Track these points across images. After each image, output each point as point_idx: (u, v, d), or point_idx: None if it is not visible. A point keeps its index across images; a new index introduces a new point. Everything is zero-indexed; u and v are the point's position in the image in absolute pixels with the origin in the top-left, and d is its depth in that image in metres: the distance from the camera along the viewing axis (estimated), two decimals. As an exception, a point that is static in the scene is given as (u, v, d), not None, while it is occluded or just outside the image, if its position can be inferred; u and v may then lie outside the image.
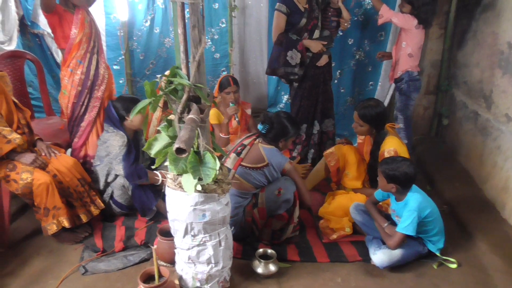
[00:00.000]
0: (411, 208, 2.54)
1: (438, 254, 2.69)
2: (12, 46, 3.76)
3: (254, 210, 2.78)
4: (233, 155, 2.83)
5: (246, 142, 2.88)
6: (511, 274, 2.49)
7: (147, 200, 2.94)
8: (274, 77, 4.31)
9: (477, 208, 3.15)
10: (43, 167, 2.74)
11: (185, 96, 1.94)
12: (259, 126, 2.86)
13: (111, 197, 3.01)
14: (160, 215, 3.02)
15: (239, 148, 2.85)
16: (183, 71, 2.00)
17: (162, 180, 3.03)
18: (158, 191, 3.05)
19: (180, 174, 2.02)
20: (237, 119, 3.59)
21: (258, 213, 2.78)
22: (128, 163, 2.93)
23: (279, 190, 2.72)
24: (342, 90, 4.51)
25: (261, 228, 2.83)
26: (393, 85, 4.11)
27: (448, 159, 3.95)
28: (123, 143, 2.96)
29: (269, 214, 2.78)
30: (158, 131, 2.10)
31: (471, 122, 3.70)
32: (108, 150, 2.97)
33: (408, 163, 2.57)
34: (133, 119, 2.99)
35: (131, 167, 2.94)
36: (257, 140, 2.86)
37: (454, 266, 2.64)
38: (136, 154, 3.05)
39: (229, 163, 2.79)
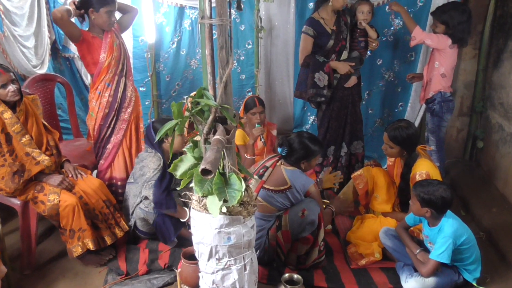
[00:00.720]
0: (446, 235, 2.47)
1: (474, 283, 2.59)
2: (44, 69, 3.94)
3: (278, 233, 2.76)
4: (256, 177, 2.84)
5: (268, 164, 2.88)
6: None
7: (166, 232, 2.95)
8: (300, 98, 4.33)
9: (516, 236, 3.03)
10: (70, 188, 2.81)
11: (211, 117, 1.96)
12: (279, 149, 2.86)
13: (135, 225, 3.05)
14: (185, 239, 3.03)
15: (261, 170, 2.85)
16: (210, 92, 2.04)
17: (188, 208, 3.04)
18: (180, 224, 3.03)
19: (205, 196, 2.03)
20: (262, 140, 3.61)
21: (282, 236, 2.76)
22: (159, 190, 2.91)
23: (303, 212, 2.71)
24: (370, 111, 4.48)
25: (286, 252, 2.81)
26: (424, 106, 4.06)
27: (483, 183, 3.83)
28: (158, 166, 2.95)
29: (293, 237, 2.75)
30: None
31: (508, 145, 3.59)
32: (143, 170, 3.00)
33: (445, 187, 2.51)
34: (171, 141, 2.99)
35: (162, 194, 2.92)
36: (280, 161, 2.86)
37: (492, 297, 2.54)
38: (170, 180, 3.02)
39: (251, 185, 2.80)
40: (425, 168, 2.85)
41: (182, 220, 3.03)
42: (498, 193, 3.64)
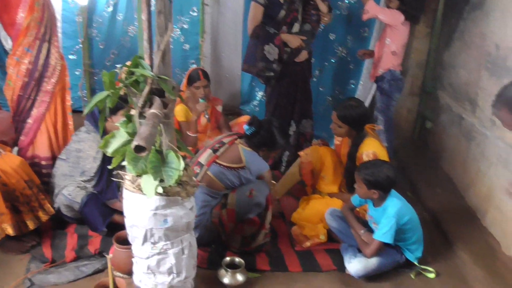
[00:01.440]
0: (389, 215, 2.60)
1: (416, 263, 2.76)
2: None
3: (222, 211, 2.79)
4: (209, 151, 2.84)
5: (226, 140, 2.90)
6: (492, 285, 2.58)
7: (93, 221, 2.87)
8: (248, 72, 4.33)
9: (458, 216, 3.25)
10: (-15, 166, 2.65)
11: (147, 89, 1.92)
12: (245, 127, 2.88)
13: (59, 210, 2.93)
14: (117, 225, 2.96)
15: (217, 145, 2.86)
16: (147, 62, 1.98)
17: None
18: (110, 211, 2.95)
19: (139, 175, 2.00)
20: (207, 116, 3.59)
21: (226, 215, 2.78)
22: (101, 178, 2.86)
23: (251, 191, 2.75)
24: (321, 89, 4.57)
25: (228, 233, 2.84)
26: (375, 84, 4.20)
27: (431, 164, 4.06)
28: (97, 154, 2.86)
29: (238, 217, 2.79)
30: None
31: (455, 126, 3.81)
32: (79, 154, 2.89)
33: (388, 166, 2.63)
34: (115, 120, 2.85)
35: (101, 185, 2.87)
36: (238, 140, 2.87)
37: (432, 276, 2.72)
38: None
39: (203, 158, 2.80)
40: (372, 148, 2.96)
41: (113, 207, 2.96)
42: (444, 174, 3.87)
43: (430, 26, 4.25)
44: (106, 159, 2.88)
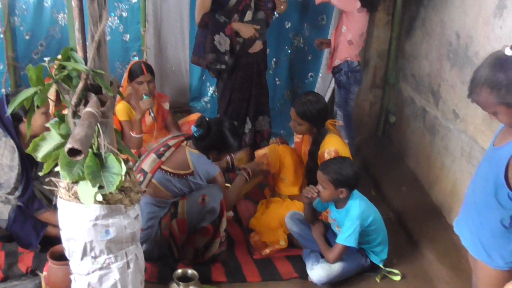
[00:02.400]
0: (352, 217, 2.68)
1: (381, 266, 2.86)
2: None
3: (172, 222, 2.77)
4: (153, 156, 2.80)
5: (171, 142, 2.86)
6: (457, 284, 2.72)
7: (25, 238, 2.79)
8: (198, 65, 4.32)
9: (424, 214, 3.39)
10: None
11: (81, 85, 1.87)
12: (193, 128, 2.85)
13: None
14: (53, 238, 2.88)
15: (161, 149, 2.82)
16: (79, 54, 1.94)
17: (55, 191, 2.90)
18: (43, 224, 2.87)
19: (75, 182, 1.96)
20: (152, 114, 3.56)
21: (177, 226, 2.77)
22: (27, 187, 2.76)
23: (203, 198, 2.74)
24: (278, 82, 4.62)
25: (181, 245, 2.83)
26: (335, 76, 4.30)
27: (395, 161, 4.21)
28: (11, 162, 2.72)
29: (190, 227, 2.78)
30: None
31: (419, 119, 3.97)
32: None
33: (350, 161, 2.72)
34: (33, 118, 2.73)
35: (23, 197, 2.76)
36: (185, 142, 2.85)
37: (397, 278, 2.83)
38: (31, 171, 2.84)
39: (146, 164, 2.76)
40: (333, 145, 3.04)
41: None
42: (409, 171, 4.02)
43: (390, 14, 4.39)
44: (27, 165, 2.78)
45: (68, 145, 1.65)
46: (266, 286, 2.74)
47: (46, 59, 1.87)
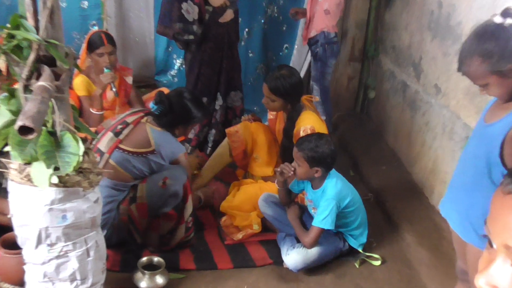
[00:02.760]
0: (328, 197, 2.70)
1: (360, 250, 2.90)
2: None
3: (131, 207, 2.74)
4: (110, 134, 2.75)
5: (129, 119, 2.81)
6: (437, 267, 2.79)
7: None
8: (164, 36, 4.24)
9: (404, 194, 3.45)
10: None
11: (32, 56, 1.81)
12: (152, 106, 2.81)
13: None
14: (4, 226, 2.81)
15: (119, 127, 2.77)
16: (30, 22, 1.88)
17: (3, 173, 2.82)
18: None
19: (28, 163, 1.91)
20: (114, 89, 3.50)
21: (136, 210, 2.73)
22: None
23: (164, 180, 2.71)
24: (251, 55, 4.59)
25: (142, 230, 2.80)
26: (311, 49, 4.28)
27: (374, 138, 4.26)
28: None
29: (151, 211, 2.75)
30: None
31: (399, 94, 4.01)
32: None
33: (327, 138, 2.72)
34: None
35: None
36: (145, 118, 2.80)
37: (377, 263, 2.88)
38: None
39: (103, 144, 2.71)
40: (310, 122, 3.04)
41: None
42: (388, 149, 4.08)
43: (370, -19, 4.38)
44: None
45: (19, 123, 1.60)
46: (239, 273, 2.75)
47: (-8, 27, 1.80)
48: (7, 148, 1.88)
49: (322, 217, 2.67)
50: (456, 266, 2.19)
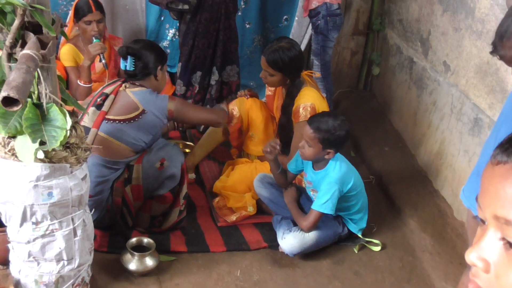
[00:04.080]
0: (331, 180, 2.71)
1: (360, 235, 2.94)
2: None
3: (126, 188, 2.75)
4: (91, 109, 2.74)
5: (107, 90, 2.81)
6: (441, 255, 2.83)
7: None
8: (155, 3, 4.21)
9: (408, 178, 3.48)
10: None
11: (16, 22, 1.81)
12: (122, 64, 2.79)
13: None
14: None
15: (99, 99, 2.77)
16: (14, -14, 1.87)
17: None
18: None
19: (12, 137, 1.92)
20: (103, 60, 3.48)
21: (131, 192, 2.75)
22: None
23: (162, 162, 2.73)
24: (247, 26, 4.56)
25: (135, 213, 2.82)
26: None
27: (377, 118, 4.27)
28: None
29: (146, 193, 2.77)
30: None
31: (405, 71, 4.01)
32: None
33: (345, 120, 2.72)
34: None
35: None
36: (124, 85, 2.80)
37: (377, 248, 2.92)
38: None
39: (86, 120, 2.71)
40: (310, 100, 3.04)
41: None
42: (392, 129, 4.09)
43: (377, -51, 4.35)
44: None
45: (3, 93, 1.61)
46: (232, 257, 2.78)
47: (-27, -10, 1.79)
48: (-10, 121, 1.89)
49: (323, 201, 2.69)
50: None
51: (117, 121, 2.69)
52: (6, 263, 2.33)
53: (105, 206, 2.77)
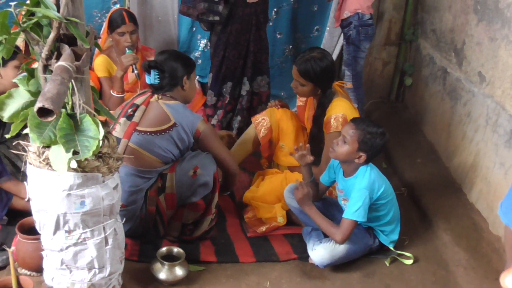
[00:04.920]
0: (361, 187, 2.68)
1: (391, 248, 2.89)
2: None
3: (160, 197, 2.77)
4: (122, 119, 2.77)
5: (138, 101, 2.83)
6: (475, 270, 2.76)
7: None
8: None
9: (441, 190, 3.41)
10: None
11: (52, 35, 1.85)
12: (147, 78, 2.81)
13: None
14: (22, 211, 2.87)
15: (129, 110, 2.79)
16: (51, -1, 1.91)
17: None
18: (6, 195, 2.86)
19: (47, 146, 1.95)
20: (136, 71, 3.53)
21: (165, 201, 2.77)
22: None
23: (195, 170, 2.74)
24: (278, 36, 4.57)
25: (167, 222, 2.84)
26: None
27: (410, 129, 4.21)
28: None
29: (179, 201, 2.79)
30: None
31: (438, 82, 3.95)
32: None
33: (385, 132, 2.71)
34: (4, 73, 2.67)
35: None
36: (156, 97, 2.83)
37: (409, 262, 2.86)
38: None
39: (117, 131, 2.74)
40: (341, 110, 3.02)
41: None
42: (425, 140, 4.03)
43: (410, -40, 4.32)
44: None
45: (38, 104, 1.64)
46: (261, 268, 2.76)
47: (12, 3, 1.84)
48: (26, 131, 1.93)
49: (355, 209, 2.65)
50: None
51: (148, 133, 2.71)
52: (40, 270, 2.36)
53: (139, 215, 2.79)
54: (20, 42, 2.90)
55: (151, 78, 2.79)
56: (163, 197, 2.77)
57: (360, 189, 2.68)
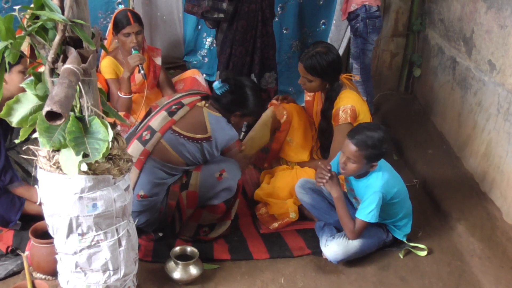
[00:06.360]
0: (375, 189, 2.64)
1: (404, 240, 2.87)
2: None
3: (182, 194, 2.76)
4: (163, 113, 2.76)
5: (185, 101, 2.81)
6: (491, 259, 2.74)
7: (3, 214, 2.78)
8: (193, 13, 4.24)
9: (453, 181, 3.39)
10: None
11: (58, 38, 1.84)
12: (216, 85, 2.80)
13: None
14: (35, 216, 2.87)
15: (174, 107, 2.77)
16: (55, 1, 1.90)
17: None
18: (20, 200, 2.86)
19: (56, 150, 1.95)
20: (142, 71, 3.52)
21: (186, 198, 2.76)
22: None
23: (221, 173, 2.73)
24: (285, 31, 4.55)
25: (184, 220, 2.83)
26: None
27: (420, 120, 4.18)
28: None
29: (201, 201, 2.78)
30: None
31: (448, 72, 3.91)
32: None
33: (383, 129, 2.65)
34: (9, 78, 2.67)
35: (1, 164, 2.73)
36: (203, 102, 2.81)
37: (423, 253, 2.84)
38: (4, 138, 2.81)
39: (156, 122, 2.73)
40: (350, 102, 3.00)
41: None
42: (435, 131, 4.00)
43: (416, -51, 4.28)
44: (0, 132, 2.76)
45: (46, 108, 1.63)
46: (275, 264, 2.75)
47: (17, 7, 1.83)
48: (35, 135, 1.92)
49: (368, 211, 2.63)
50: None
51: (181, 136, 2.69)
52: (54, 274, 2.36)
53: (159, 208, 2.78)
54: (24, 46, 2.90)
55: (219, 86, 2.79)
56: (185, 194, 2.76)
57: (374, 192, 2.64)
